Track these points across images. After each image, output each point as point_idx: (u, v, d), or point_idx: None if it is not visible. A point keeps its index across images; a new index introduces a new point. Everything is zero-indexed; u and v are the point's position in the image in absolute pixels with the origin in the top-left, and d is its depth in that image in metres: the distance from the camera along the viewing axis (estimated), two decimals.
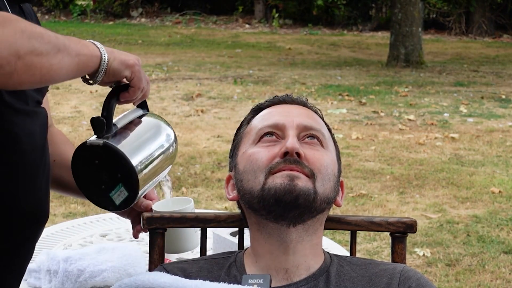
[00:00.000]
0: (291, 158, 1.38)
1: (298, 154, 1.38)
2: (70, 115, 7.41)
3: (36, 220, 1.53)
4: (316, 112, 1.52)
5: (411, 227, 1.54)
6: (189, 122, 7.31)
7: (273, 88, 9.34)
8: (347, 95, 8.89)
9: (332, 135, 1.51)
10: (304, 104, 1.52)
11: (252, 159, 1.41)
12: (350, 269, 1.41)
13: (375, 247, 4.14)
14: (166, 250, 1.66)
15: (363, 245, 4.15)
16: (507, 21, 16.81)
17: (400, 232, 1.54)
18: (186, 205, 1.65)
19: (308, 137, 1.43)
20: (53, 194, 1.91)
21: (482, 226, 4.53)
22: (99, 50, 1.37)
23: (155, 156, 1.46)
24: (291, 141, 1.39)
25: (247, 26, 17.94)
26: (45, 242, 2.26)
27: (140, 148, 1.44)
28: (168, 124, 1.57)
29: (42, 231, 1.60)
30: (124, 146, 1.39)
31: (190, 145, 6.33)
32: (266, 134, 1.44)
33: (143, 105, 1.54)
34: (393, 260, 1.54)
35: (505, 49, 14.36)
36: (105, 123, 1.39)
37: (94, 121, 1.39)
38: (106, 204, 1.42)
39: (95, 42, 1.38)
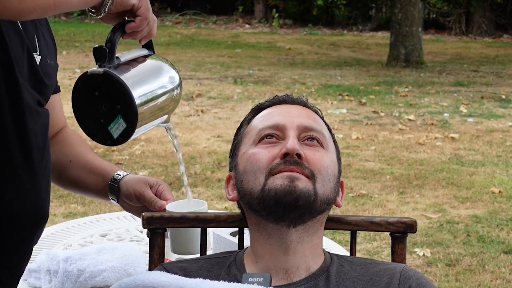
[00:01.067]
0: (291, 159, 1.37)
1: (298, 155, 1.38)
2: (71, 115, 7.39)
3: (35, 221, 1.53)
4: (316, 112, 1.52)
5: (411, 227, 1.54)
6: (189, 122, 7.31)
7: (273, 88, 9.34)
8: (347, 95, 8.89)
9: (332, 135, 1.51)
10: (304, 104, 1.52)
11: (252, 160, 1.41)
12: (350, 268, 1.41)
13: (375, 247, 4.14)
14: (175, 251, 1.66)
15: (363, 245, 4.15)
16: (507, 21, 16.81)
17: (400, 232, 1.54)
18: (200, 207, 1.65)
19: (308, 139, 1.43)
20: (53, 194, 1.91)
21: (482, 226, 4.53)
22: None
23: (157, 94, 1.43)
24: (291, 142, 1.39)
25: (247, 26, 17.94)
26: (45, 242, 2.26)
27: (141, 82, 1.40)
28: (174, 67, 1.53)
29: (42, 232, 1.59)
30: (125, 77, 1.36)
31: (190, 145, 6.33)
32: (266, 136, 1.43)
33: (149, 46, 1.50)
34: (393, 260, 1.54)
35: (505, 49, 14.36)
36: (107, 52, 1.35)
37: (96, 50, 1.36)
38: (105, 138, 1.39)
39: None
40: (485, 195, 5.10)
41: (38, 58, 1.53)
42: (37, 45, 1.55)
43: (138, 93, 1.37)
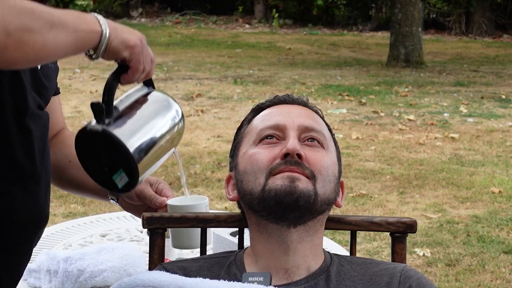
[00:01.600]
0: (291, 160, 1.37)
1: (298, 155, 1.38)
2: (70, 115, 7.41)
3: (36, 223, 1.53)
4: (316, 112, 1.51)
5: (411, 227, 1.54)
6: (189, 122, 7.32)
7: (273, 88, 9.34)
8: (347, 95, 8.89)
9: (332, 135, 1.51)
10: (304, 104, 1.51)
11: (253, 160, 1.40)
12: (351, 268, 1.41)
13: (375, 247, 4.15)
14: (176, 245, 1.66)
15: (363, 245, 4.15)
16: (507, 21, 16.81)
17: (400, 232, 1.54)
18: (201, 201, 1.65)
19: (308, 139, 1.43)
20: (53, 194, 1.90)
21: (482, 226, 4.53)
22: (101, 26, 1.30)
23: (157, 138, 1.42)
24: (292, 142, 1.39)
25: (247, 26, 17.94)
26: (45, 242, 2.27)
27: (141, 132, 1.39)
28: (174, 101, 1.52)
29: (42, 234, 1.59)
30: (124, 132, 1.35)
31: (190, 145, 6.34)
32: (267, 136, 1.43)
33: (148, 83, 1.49)
34: (393, 260, 1.54)
35: (505, 49, 14.36)
36: (104, 108, 1.34)
37: (94, 107, 1.35)
38: (111, 186, 1.39)
39: (98, 17, 1.32)
40: (485, 195, 5.10)
41: None
42: None
43: (139, 146, 1.36)
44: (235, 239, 1.95)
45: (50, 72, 1.59)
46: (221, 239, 2.02)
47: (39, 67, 1.51)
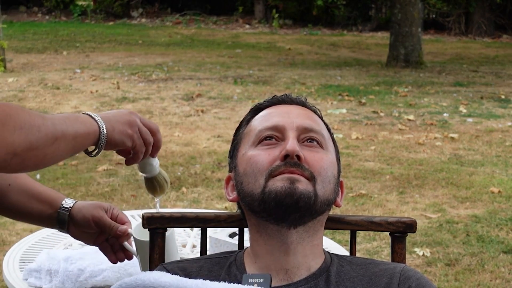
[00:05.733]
0: (291, 161, 1.37)
1: (298, 156, 1.38)
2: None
3: None
4: (315, 112, 1.51)
5: (410, 227, 1.54)
6: (189, 122, 7.32)
7: (273, 88, 9.34)
8: (347, 95, 8.89)
9: (331, 135, 1.50)
10: (303, 104, 1.51)
11: (252, 162, 1.40)
12: (350, 268, 1.41)
13: (375, 247, 4.15)
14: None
15: (363, 245, 4.16)
16: (506, 22, 16.81)
17: (400, 232, 1.54)
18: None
19: (307, 140, 1.43)
20: None
21: (482, 226, 4.53)
22: (97, 124, 1.35)
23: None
24: (291, 144, 1.39)
25: (247, 26, 17.94)
26: (45, 242, 2.27)
27: None
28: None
29: None
30: None
31: (190, 145, 6.34)
32: (266, 137, 1.43)
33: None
34: (393, 260, 1.54)
35: (505, 49, 14.36)
36: None
37: None
38: None
39: (93, 115, 1.36)
40: (485, 195, 5.11)
41: None
42: None
43: None
44: (233, 241, 1.96)
45: None
46: (220, 242, 2.02)
47: None
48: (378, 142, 6.59)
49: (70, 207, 1.65)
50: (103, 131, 1.34)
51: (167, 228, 1.56)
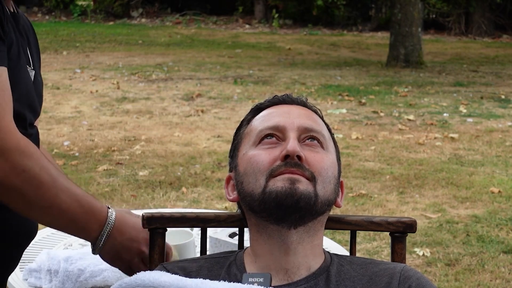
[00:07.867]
0: (292, 161, 1.37)
1: (298, 157, 1.38)
2: (71, 115, 7.41)
3: (26, 237, 1.55)
4: (315, 112, 1.51)
5: (410, 227, 1.54)
6: (189, 122, 7.32)
7: (273, 88, 9.34)
8: (347, 95, 8.90)
9: (332, 135, 1.51)
10: (303, 104, 1.51)
11: (253, 162, 1.40)
12: (350, 268, 1.41)
13: (375, 247, 4.15)
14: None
15: (363, 245, 4.16)
16: (506, 21, 16.81)
17: (400, 232, 1.54)
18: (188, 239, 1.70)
19: (308, 139, 1.43)
20: None
21: (482, 226, 4.53)
22: (100, 234, 1.53)
23: None
24: (292, 144, 1.39)
25: (247, 26, 17.94)
26: (45, 242, 2.27)
27: None
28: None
29: (30, 243, 1.65)
30: None
31: (190, 145, 6.34)
32: (266, 136, 1.43)
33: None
34: (393, 260, 1.54)
35: (505, 49, 14.36)
36: None
37: None
38: None
39: (106, 225, 1.52)
40: (485, 195, 5.11)
41: (32, 73, 1.53)
42: (30, 58, 1.55)
43: None
44: (233, 241, 1.96)
45: (41, 87, 1.60)
46: (220, 242, 2.02)
47: (32, 80, 1.51)
48: (378, 142, 6.59)
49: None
50: (100, 244, 1.50)
51: (187, 235, 1.59)
